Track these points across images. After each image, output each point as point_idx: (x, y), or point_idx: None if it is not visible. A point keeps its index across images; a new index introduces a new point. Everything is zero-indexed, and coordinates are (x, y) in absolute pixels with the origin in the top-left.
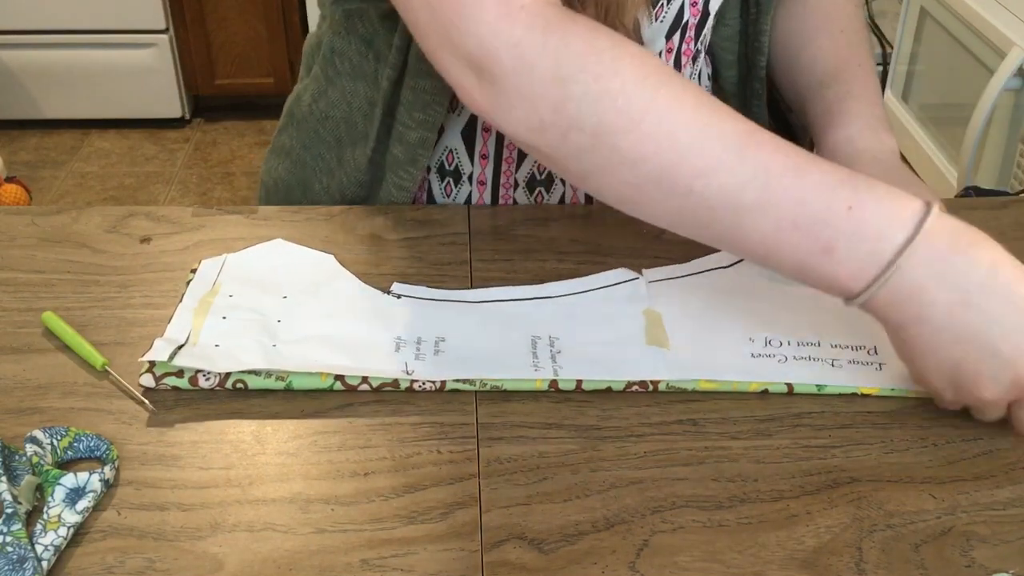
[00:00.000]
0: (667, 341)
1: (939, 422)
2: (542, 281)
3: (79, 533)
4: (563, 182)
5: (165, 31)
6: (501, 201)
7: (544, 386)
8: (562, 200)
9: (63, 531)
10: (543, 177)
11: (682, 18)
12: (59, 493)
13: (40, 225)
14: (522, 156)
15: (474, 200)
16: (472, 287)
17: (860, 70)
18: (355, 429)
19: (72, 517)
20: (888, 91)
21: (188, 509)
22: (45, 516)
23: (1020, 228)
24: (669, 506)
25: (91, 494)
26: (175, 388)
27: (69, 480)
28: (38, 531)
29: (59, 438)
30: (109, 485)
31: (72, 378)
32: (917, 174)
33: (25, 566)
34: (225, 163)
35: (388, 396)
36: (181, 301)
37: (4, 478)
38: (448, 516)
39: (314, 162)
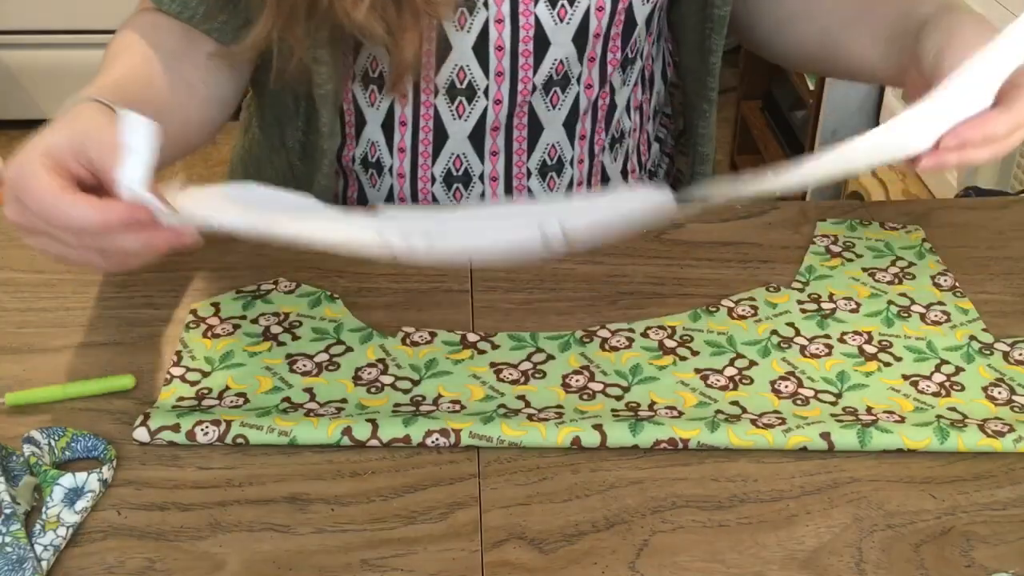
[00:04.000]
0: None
1: None
2: (544, 280)
3: (79, 533)
4: (481, 179)
5: None
6: (420, 196)
7: (567, 442)
8: (482, 196)
9: (62, 531)
10: (460, 173)
11: (587, 24)
12: (57, 493)
13: None
14: (437, 151)
15: (395, 193)
16: (472, 284)
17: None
18: None
19: (71, 517)
20: (888, 91)
21: (188, 509)
22: (44, 516)
23: (1020, 228)
24: (669, 506)
25: (89, 494)
26: (171, 443)
27: (67, 480)
28: (37, 531)
29: (56, 438)
30: (107, 485)
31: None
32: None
33: (24, 566)
34: (225, 163)
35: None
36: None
37: (2, 479)
38: (448, 516)
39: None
